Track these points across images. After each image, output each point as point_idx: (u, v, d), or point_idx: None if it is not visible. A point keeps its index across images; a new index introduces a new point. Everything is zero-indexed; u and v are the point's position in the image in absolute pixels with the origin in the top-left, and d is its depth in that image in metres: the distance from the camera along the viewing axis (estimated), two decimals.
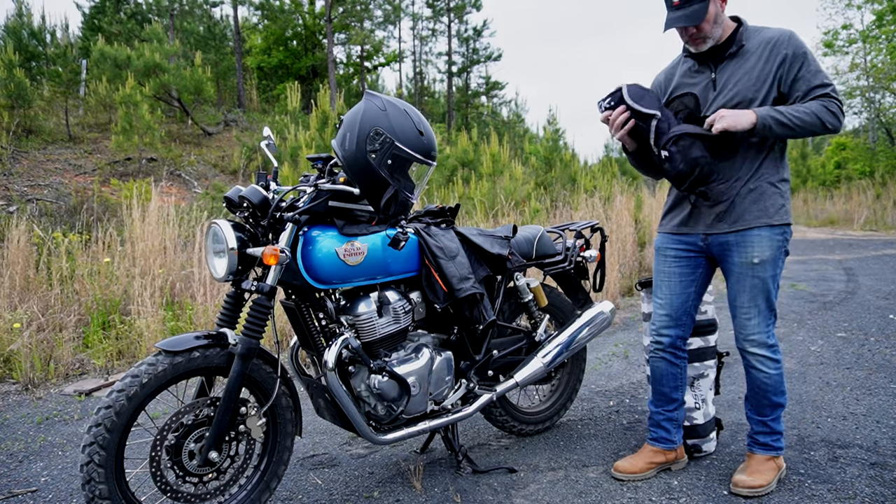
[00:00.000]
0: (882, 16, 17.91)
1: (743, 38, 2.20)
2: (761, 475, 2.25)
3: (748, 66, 2.18)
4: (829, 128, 2.10)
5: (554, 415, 2.93)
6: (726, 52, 2.21)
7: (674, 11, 2.16)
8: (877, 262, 7.99)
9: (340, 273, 2.07)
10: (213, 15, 20.34)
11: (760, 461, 2.30)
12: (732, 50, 2.20)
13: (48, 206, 7.59)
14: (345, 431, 2.95)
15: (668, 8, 2.18)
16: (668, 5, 2.17)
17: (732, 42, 2.21)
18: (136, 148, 9.30)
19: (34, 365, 3.76)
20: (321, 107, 7.73)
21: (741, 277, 2.22)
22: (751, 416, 2.37)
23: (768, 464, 2.29)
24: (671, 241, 2.39)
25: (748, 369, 2.30)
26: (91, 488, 1.73)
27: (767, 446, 2.31)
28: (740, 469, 2.33)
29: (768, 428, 2.32)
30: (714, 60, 2.24)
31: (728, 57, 2.21)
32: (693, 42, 2.22)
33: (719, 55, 2.23)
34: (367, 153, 2.01)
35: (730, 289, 2.28)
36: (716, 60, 2.24)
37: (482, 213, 7.11)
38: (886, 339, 4.28)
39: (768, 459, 2.30)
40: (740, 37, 2.20)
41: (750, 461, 2.33)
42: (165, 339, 1.92)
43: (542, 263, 2.79)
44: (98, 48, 11.02)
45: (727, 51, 2.21)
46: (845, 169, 18.17)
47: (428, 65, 25.69)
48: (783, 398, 2.30)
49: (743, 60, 2.19)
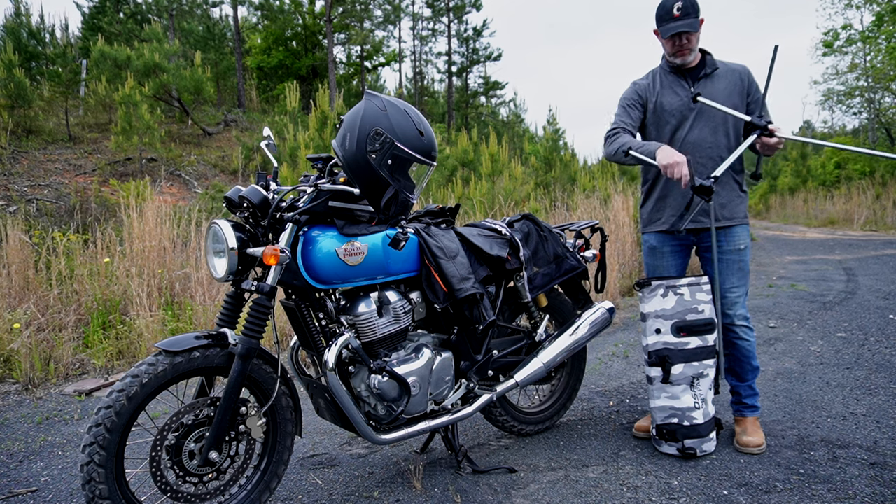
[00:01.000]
0: (881, 16, 17.91)
1: (714, 62, 2.70)
2: (758, 434, 2.64)
3: (720, 86, 2.66)
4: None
5: (554, 415, 2.93)
6: (702, 72, 2.69)
7: (675, 21, 2.59)
8: (877, 262, 7.99)
9: (340, 273, 2.07)
10: (213, 15, 20.36)
11: (752, 422, 2.71)
12: (707, 71, 2.68)
13: (48, 206, 7.59)
14: (345, 431, 2.95)
15: (666, 20, 2.62)
16: (667, 18, 2.61)
17: (705, 65, 2.69)
18: (136, 148, 9.30)
19: (34, 365, 3.76)
20: (320, 107, 7.73)
21: (730, 263, 2.67)
22: (737, 385, 2.78)
23: (756, 423, 2.72)
24: (664, 239, 2.78)
25: (734, 341, 2.72)
26: (91, 488, 1.73)
27: (753, 407, 2.75)
28: (739, 433, 2.68)
29: (752, 390, 2.76)
30: (692, 77, 2.70)
31: (704, 76, 2.69)
32: (680, 54, 2.64)
33: (696, 74, 2.70)
34: (368, 153, 2.01)
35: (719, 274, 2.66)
36: (693, 78, 2.70)
37: (481, 213, 7.11)
38: (886, 339, 4.28)
39: (755, 420, 2.73)
40: (712, 61, 2.70)
41: (744, 424, 2.71)
42: (165, 339, 1.92)
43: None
44: (98, 48, 11.01)
45: (702, 71, 2.69)
46: (845, 169, 18.16)
47: (428, 65, 25.71)
48: (757, 362, 2.77)
49: (716, 80, 2.67)
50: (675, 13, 2.57)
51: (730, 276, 2.68)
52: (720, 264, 2.67)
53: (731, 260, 2.68)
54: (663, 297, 2.59)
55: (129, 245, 4.89)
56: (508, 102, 28.49)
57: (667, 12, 2.59)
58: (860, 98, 19.76)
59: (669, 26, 2.58)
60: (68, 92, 11.36)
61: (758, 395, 2.78)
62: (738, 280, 2.69)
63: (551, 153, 9.95)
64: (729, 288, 2.68)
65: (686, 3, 2.57)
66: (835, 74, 20.01)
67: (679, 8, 2.57)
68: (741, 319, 2.70)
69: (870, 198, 14.78)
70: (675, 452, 2.57)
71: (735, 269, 2.68)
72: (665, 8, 2.60)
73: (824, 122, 35.95)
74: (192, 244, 5.22)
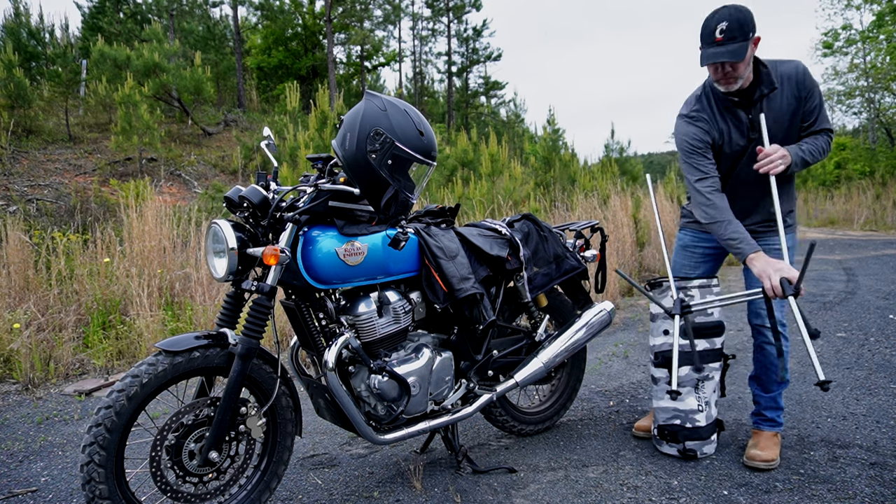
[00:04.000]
0: (882, 16, 17.91)
1: (771, 78, 2.27)
2: (771, 450, 2.46)
3: (776, 104, 2.30)
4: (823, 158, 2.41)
5: (554, 415, 2.93)
6: (758, 94, 2.29)
7: (715, 47, 2.17)
8: (877, 262, 7.99)
9: (340, 273, 2.07)
10: (213, 15, 20.36)
11: (768, 437, 2.52)
12: (765, 92, 2.28)
13: (48, 206, 7.59)
14: (345, 431, 2.95)
15: (706, 43, 2.20)
16: (708, 41, 2.19)
17: (760, 82, 2.28)
18: (136, 148, 9.30)
19: (34, 365, 3.75)
20: (320, 107, 7.73)
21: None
22: (759, 395, 2.57)
23: (774, 439, 2.51)
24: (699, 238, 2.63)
25: (763, 346, 2.51)
26: (91, 488, 1.73)
27: (773, 422, 2.55)
28: (751, 445, 2.51)
29: (775, 403, 2.55)
30: (748, 101, 2.31)
31: (759, 99, 2.30)
32: (725, 81, 2.26)
33: (751, 96, 2.30)
34: (368, 153, 2.01)
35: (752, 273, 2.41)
36: (749, 101, 2.31)
37: (481, 213, 7.11)
38: (886, 339, 4.28)
39: (774, 435, 2.53)
40: (768, 78, 2.27)
41: (759, 438, 2.53)
42: (165, 339, 1.92)
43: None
44: (98, 48, 11.01)
45: (759, 92, 2.28)
46: (845, 169, 18.17)
47: (428, 65, 25.69)
48: (787, 375, 2.54)
49: (774, 99, 2.29)
50: (717, 36, 2.16)
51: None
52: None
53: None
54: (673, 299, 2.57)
55: (129, 245, 4.89)
56: (508, 102, 28.48)
57: (709, 34, 2.19)
58: (860, 98, 19.76)
59: (709, 52, 2.18)
60: (68, 92, 11.36)
61: (782, 411, 2.55)
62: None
63: (551, 153, 9.95)
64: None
65: (732, 24, 2.14)
66: (835, 75, 20.01)
67: (723, 30, 2.15)
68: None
69: (870, 198, 14.78)
70: (675, 453, 2.57)
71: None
72: (708, 28, 2.20)
73: None
74: (192, 244, 5.22)
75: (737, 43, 2.14)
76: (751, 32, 2.15)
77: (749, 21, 2.15)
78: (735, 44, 2.14)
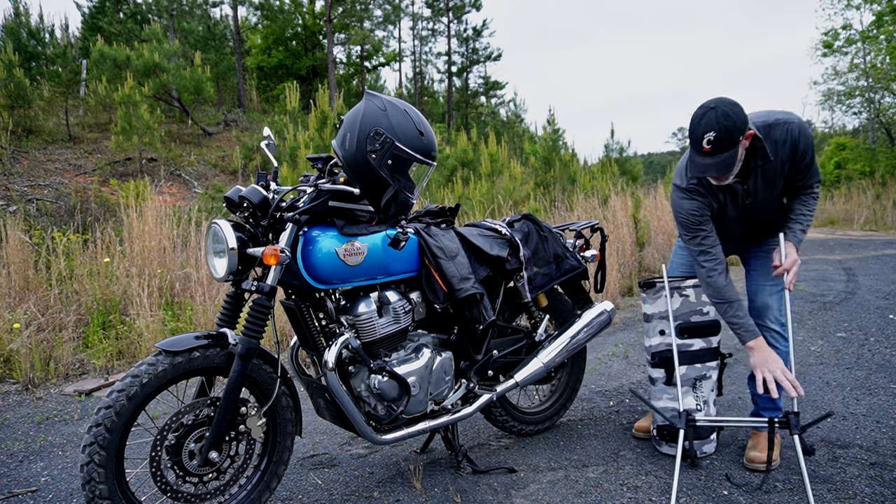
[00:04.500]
0: (881, 16, 17.91)
1: (766, 151, 2.19)
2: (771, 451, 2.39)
3: (770, 169, 2.26)
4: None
5: (554, 415, 2.93)
6: (750, 166, 2.23)
7: (703, 157, 2.08)
8: (877, 262, 7.99)
9: (340, 273, 2.07)
10: (213, 15, 20.35)
11: (766, 437, 2.47)
12: (758, 163, 2.22)
13: (48, 206, 7.59)
14: (345, 431, 2.95)
15: (694, 150, 2.10)
16: (696, 148, 2.08)
17: (755, 155, 2.21)
18: (136, 148, 9.30)
19: (34, 365, 3.75)
20: (320, 107, 7.73)
21: (764, 262, 2.47)
22: (757, 396, 2.55)
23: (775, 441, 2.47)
24: None
25: None
26: (91, 488, 1.73)
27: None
28: (750, 447, 2.51)
29: (773, 404, 2.52)
30: (743, 174, 2.26)
31: (753, 170, 2.25)
32: (717, 180, 2.22)
33: (744, 169, 2.24)
34: (368, 153, 2.01)
35: (753, 272, 2.52)
36: (744, 174, 2.26)
37: (481, 213, 7.11)
38: (886, 339, 4.28)
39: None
40: (763, 152, 2.20)
41: (758, 439, 2.53)
42: (165, 339, 1.92)
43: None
44: (98, 48, 11.01)
45: (753, 163, 2.23)
46: (845, 169, 18.16)
47: (428, 65, 25.68)
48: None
49: (769, 168, 2.26)
50: (704, 146, 2.05)
51: (761, 275, 2.47)
52: (753, 261, 2.51)
53: (765, 259, 2.47)
54: (668, 298, 2.58)
55: (129, 245, 4.89)
56: (508, 102, 28.47)
57: (696, 141, 2.07)
58: (860, 98, 19.76)
59: (697, 162, 2.10)
60: (68, 92, 11.36)
61: (780, 411, 2.52)
62: (769, 279, 2.46)
63: (551, 153, 9.95)
64: (759, 286, 2.48)
65: (720, 134, 2.02)
66: (834, 75, 20.00)
67: (710, 141, 2.03)
68: (773, 323, 2.46)
69: (870, 198, 14.78)
70: (675, 453, 2.57)
71: (769, 269, 2.44)
72: (695, 134, 2.08)
73: (824, 122, 36.00)
74: (192, 244, 5.22)
75: (726, 153, 2.05)
76: (740, 136, 2.05)
77: (737, 125, 2.03)
78: (724, 154, 2.05)
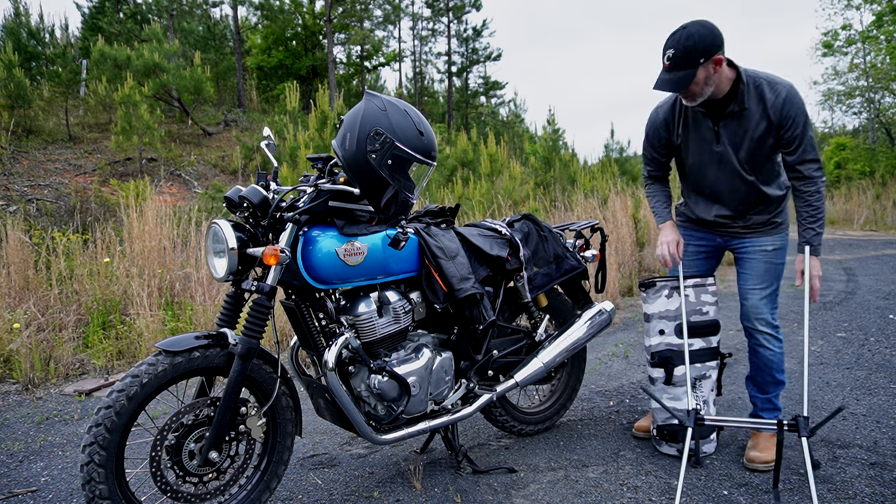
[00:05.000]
0: (881, 16, 17.91)
1: (744, 98, 2.25)
2: (770, 451, 2.45)
3: (750, 125, 2.28)
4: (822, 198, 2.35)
5: (554, 415, 2.93)
6: (727, 110, 2.28)
7: (663, 73, 2.21)
8: (877, 262, 7.99)
9: (340, 273, 2.07)
10: (213, 15, 20.35)
11: (767, 438, 2.51)
12: (734, 109, 2.27)
13: (48, 206, 7.59)
14: (345, 431, 2.95)
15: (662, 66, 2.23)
16: (662, 65, 2.22)
17: (733, 99, 2.26)
18: (136, 148, 9.29)
19: (34, 365, 3.75)
20: (320, 107, 7.73)
21: (754, 262, 2.49)
22: (755, 396, 2.62)
23: (772, 440, 2.50)
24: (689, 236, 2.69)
25: (755, 348, 2.54)
26: (91, 488, 1.73)
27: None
28: (750, 447, 2.51)
29: (772, 405, 2.58)
30: (716, 115, 2.32)
31: (729, 115, 2.29)
32: (684, 97, 2.29)
33: (720, 111, 2.30)
34: (368, 153, 2.01)
35: (743, 273, 2.53)
36: (717, 115, 2.32)
37: (481, 213, 7.11)
38: (886, 339, 4.28)
39: (772, 436, 2.51)
40: (741, 96, 2.25)
41: (758, 439, 2.53)
42: (165, 339, 1.92)
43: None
44: (98, 48, 11.00)
45: (728, 108, 2.28)
46: (845, 169, 18.16)
47: (428, 65, 25.66)
48: (784, 376, 2.57)
49: (744, 119, 2.28)
50: (665, 62, 2.19)
51: (751, 277, 2.49)
52: (746, 262, 2.53)
53: (754, 259, 2.49)
54: (668, 298, 2.58)
55: (129, 245, 4.89)
56: (508, 102, 28.47)
57: (662, 56, 2.21)
58: (860, 98, 19.76)
59: (658, 78, 2.22)
60: (68, 92, 11.35)
61: (779, 411, 2.58)
62: (759, 281, 2.47)
63: (551, 153, 9.95)
64: (749, 289, 2.50)
65: (678, 52, 2.14)
66: (834, 75, 20.00)
67: (669, 58, 2.17)
68: (764, 325, 2.48)
69: (870, 198, 14.77)
70: (675, 453, 2.57)
71: (759, 270, 2.47)
72: (663, 49, 2.21)
73: (824, 122, 35.99)
74: (192, 244, 5.22)
75: (682, 71, 2.14)
76: (702, 58, 2.12)
77: (700, 47, 2.12)
78: (680, 72, 2.15)
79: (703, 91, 2.21)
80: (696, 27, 2.16)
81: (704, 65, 2.14)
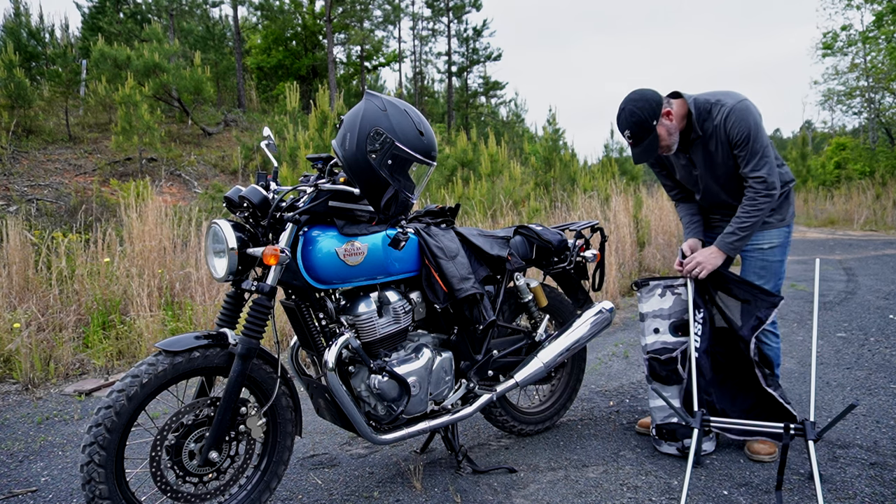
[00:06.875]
0: (881, 16, 17.91)
1: (698, 126, 2.44)
2: (770, 444, 2.52)
3: (711, 148, 2.46)
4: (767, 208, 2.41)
5: (554, 415, 2.93)
6: (690, 138, 2.48)
7: (634, 149, 2.43)
8: (877, 262, 7.99)
9: (340, 273, 2.07)
10: (213, 15, 20.37)
11: None
12: (694, 137, 2.46)
13: (48, 206, 7.59)
14: (345, 431, 2.95)
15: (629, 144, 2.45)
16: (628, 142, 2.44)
17: (691, 129, 2.45)
18: (136, 148, 9.30)
19: (34, 365, 3.75)
20: (320, 107, 7.72)
21: (751, 260, 2.58)
22: None
23: None
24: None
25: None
26: (91, 488, 1.73)
27: None
28: (751, 440, 2.54)
29: None
30: (682, 146, 2.53)
31: (692, 142, 2.49)
32: (662, 153, 2.51)
33: (685, 141, 2.51)
34: (368, 153, 2.01)
35: (741, 271, 2.62)
36: (684, 147, 2.53)
37: (481, 212, 7.11)
38: (886, 339, 4.28)
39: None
40: (694, 125, 2.44)
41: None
42: (165, 339, 1.92)
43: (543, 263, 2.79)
44: (98, 48, 11.01)
45: (690, 136, 2.47)
46: (845, 169, 18.16)
47: (428, 65, 25.68)
48: (778, 371, 2.67)
49: (708, 143, 2.46)
50: (628, 141, 2.44)
51: (748, 275, 2.58)
52: (742, 261, 2.63)
53: (752, 258, 2.58)
54: (661, 297, 2.60)
55: (129, 245, 4.89)
56: (508, 102, 28.53)
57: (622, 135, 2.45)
58: (860, 98, 19.77)
59: (633, 154, 2.48)
60: (68, 92, 11.36)
61: None
62: (756, 278, 2.56)
63: (551, 153, 9.94)
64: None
65: (632, 130, 2.37)
66: (834, 75, 20.01)
67: (629, 136, 2.41)
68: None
69: (870, 198, 14.78)
70: (674, 452, 2.57)
71: (756, 268, 2.56)
72: (620, 131, 2.45)
73: (824, 122, 35.98)
74: (192, 244, 5.22)
75: (645, 140, 2.38)
76: (653, 121, 2.35)
77: (646, 116, 2.34)
78: (644, 143, 2.39)
79: (672, 140, 2.45)
80: (631, 104, 2.38)
81: (658, 124, 2.38)
